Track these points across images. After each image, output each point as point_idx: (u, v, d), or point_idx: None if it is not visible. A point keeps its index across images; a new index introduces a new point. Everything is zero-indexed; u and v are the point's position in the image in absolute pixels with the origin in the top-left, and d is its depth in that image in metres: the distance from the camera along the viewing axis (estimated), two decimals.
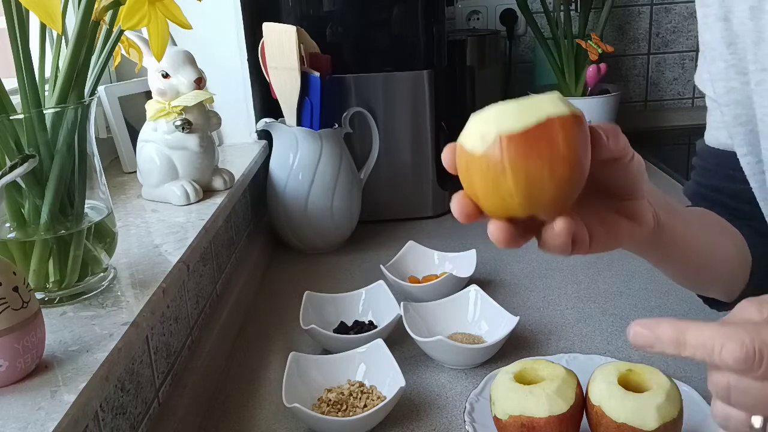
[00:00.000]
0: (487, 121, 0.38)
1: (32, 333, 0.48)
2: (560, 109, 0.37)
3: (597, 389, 0.59)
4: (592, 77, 1.43)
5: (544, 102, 0.38)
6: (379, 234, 1.21)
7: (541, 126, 0.37)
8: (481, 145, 0.38)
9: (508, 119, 0.37)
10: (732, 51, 0.60)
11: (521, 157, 0.37)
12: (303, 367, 0.74)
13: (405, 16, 1.18)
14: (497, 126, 0.37)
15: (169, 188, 0.87)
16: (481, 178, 0.39)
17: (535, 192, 0.38)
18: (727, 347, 0.35)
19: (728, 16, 0.60)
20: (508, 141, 0.37)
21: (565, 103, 0.38)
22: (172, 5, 0.58)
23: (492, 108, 0.39)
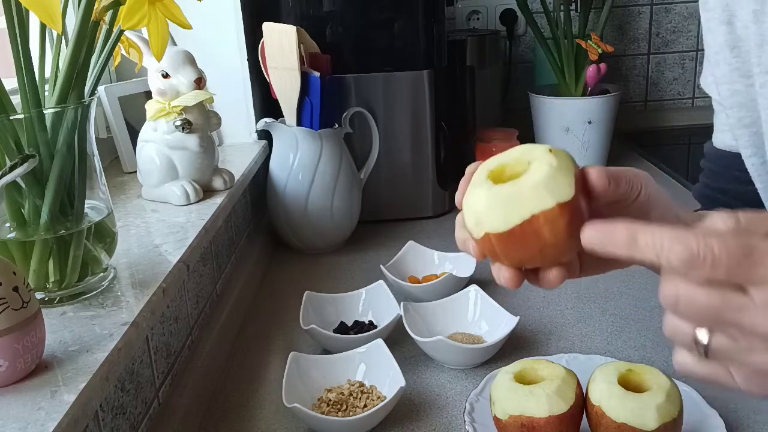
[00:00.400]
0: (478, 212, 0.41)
1: (32, 333, 0.48)
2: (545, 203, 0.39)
3: (597, 389, 0.59)
4: (592, 77, 1.43)
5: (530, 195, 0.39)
6: (379, 234, 1.21)
7: (526, 224, 0.39)
8: (476, 232, 0.41)
9: (495, 217, 0.40)
10: (736, 54, 0.60)
11: (511, 249, 0.40)
12: (303, 367, 0.74)
13: (405, 16, 1.18)
14: (486, 222, 0.40)
15: (169, 188, 0.87)
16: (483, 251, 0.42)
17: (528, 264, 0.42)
18: (674, 248, 0.35)
19: (731, 20, 0.60)
20: (496, 239, 0.40)
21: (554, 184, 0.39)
22: (172, 5, 0.58)
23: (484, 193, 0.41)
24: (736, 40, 0.60)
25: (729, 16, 0.60)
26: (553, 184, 0.39)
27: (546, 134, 1.47)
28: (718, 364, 0.38)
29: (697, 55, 1.79)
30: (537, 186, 0.39)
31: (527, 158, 0.41)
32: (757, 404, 0.69)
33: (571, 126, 1.43)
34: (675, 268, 0.35)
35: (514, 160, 0.42)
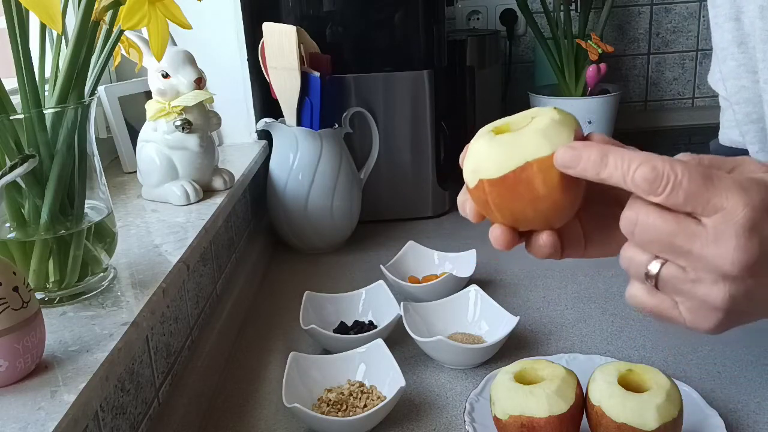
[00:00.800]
0: (476, 160, 0.40)
1: (32, 333, 0.48)
2: (542, 150, 0.38)
3: (597, 389, 0.59)
4: (592, 77, 1.43)
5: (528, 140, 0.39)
6: (379, 234, 1.21)
7: (519, 170, 0.39)
8: (471, 181, 0.41)
9: (491, 162, 0.40)
10: (743, 50, 0.60)
11: (503, 199, 0.40)
12: (303, 367, 0.74)
13: (405, 16, 1.18)
14: (482, 168, 0.40)
15: (169, 188, 0.87)
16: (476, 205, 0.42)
17: (521, 222, 0.41)
18: (641, 168, 0.36)
19: (739, 16, 0.60)
20: (489, 185, 0.40)
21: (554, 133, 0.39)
22: (172, 5, 0.58)
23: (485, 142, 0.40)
24: (743, 36, 0.60)
25: (736, 12, 0.60)
26: (552, 132, 0.39)
27: None
28: (667, 297, 0.39)
29: (697, 55, 1.79)
30: (536, 133, 0.39)
31: (533, 114, 0.41)
32: (757, 404, 0.69)
33: None
34: (639, 188, 0.36)
35: (520, 117, 0.42)
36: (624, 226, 0.38)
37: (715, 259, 0.36)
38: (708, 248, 0.36)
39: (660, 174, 0.36)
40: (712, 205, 0.36)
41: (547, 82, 1.60)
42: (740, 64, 0.61)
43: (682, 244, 0.37)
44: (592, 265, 1.03)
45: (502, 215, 0.41)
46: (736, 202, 0.35)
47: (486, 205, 0.41)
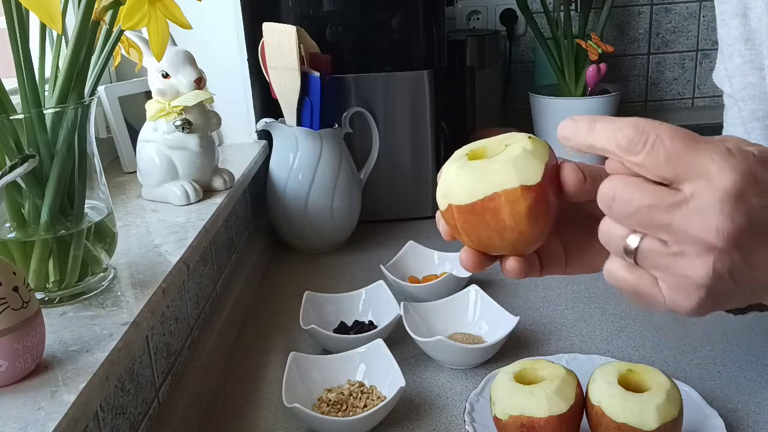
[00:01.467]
0: (447, 183, 0.41)
1: (32, 333, 0.48)
2: (510, 182, 0.38)
3: (597, 389, 0.59)
4: (592, 77, 1.43)
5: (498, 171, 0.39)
6: (379, 234, 1.21)
7: (487, 200, 0.39)
8: (442, 204, 0.41)
9: (461, 189, 0.40)
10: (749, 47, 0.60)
11: (471, 225, 0.40)
12: (303, 367, 0.74)
13: (405, 16, 1.18)
14: (452, 193, 0.40)
15: (169, 188, 0.87)
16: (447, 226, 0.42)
17: (489, 248, 0.41)
18: (624, 129, 0.35)
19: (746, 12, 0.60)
20: (457, 211, 0.40)
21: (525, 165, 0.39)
22: (172, 5, 0.58)
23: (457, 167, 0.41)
24: (749, 33, 0.60)
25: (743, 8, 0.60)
26: (521, 164, 0.39)
27: (546, 134, 1.47)
28: (646, 273, 0.37)
29: (697, 55, 1.79)
30: (505, 163, 0.39)
31: (506, 141, 0.41)
32: (757, 404, 0.69)
33: None
34: (621, 147, 0.35)
35: (495, 142, 0.42)
36: (601, 200, 0.37)
37: (698, 229, 0.34)
38: (690, 218, 0.34)
39: (641, 131, 0.35)
40: (695, 168, 0.34)
41: (547, 82, 1.60)
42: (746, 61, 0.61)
43: (662, 216, 0.35)
44: None
45: (470, 240, 0.41)
46: (721, 167, 0.33)
47: (455, 228, 0.41)
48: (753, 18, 0.59)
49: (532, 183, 0.38)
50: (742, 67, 0.61)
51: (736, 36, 0.61)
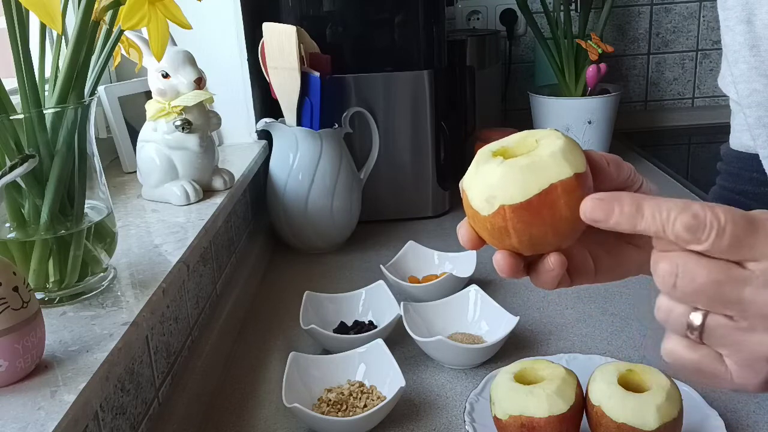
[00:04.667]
0: (491, 186, 0.39)
1: (32, 333, 0.48)
2: (563, 172, 0.37)
3: (597, 389, 0.59)
4: (592, 77, 1.43)
5: (549, 163, 0.38)
6: (379, 234, 1.21)
7: (544, 194, 0.37)
8: (486, 208, 0.39)
9: (512, 187, 0.38)
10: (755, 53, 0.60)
11: (525, 224, 0.38)
12: (303, 367, 0.74)
13: (405, 16, 1.18)
14: (501, 194, 0.38)
15: (169, 188, 0.87)
16: (487, 233, 0.40)
17: (538, 246, 0.40)
18: (681, 217, 0.34)
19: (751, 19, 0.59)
20: (512, 211, 0.38)
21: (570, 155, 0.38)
22: (172, 5, 0.58)
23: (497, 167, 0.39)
24: (755, 39, 0.59)
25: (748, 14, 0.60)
26: (570, 154, 0.38)
27: None
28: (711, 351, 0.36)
29: (696, 55, 1.79)
30: (555, 155, 0.38)
31: (533, 138, 0.40)
32: (757, 404, 0.69)
33: (571, 126, 1.43)
34: (680, 237, 0.34)
35: (516, 142, 0.41)
36: (663, 279, 0.35)
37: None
38: (760, 293, 0.34)
39: (702, 221, 0.34)
40: (759, 249, 0.34)
41: (547, 82, 1.60)
42: (752, 68, 0.60)
43: (730, 292, 0.34)
44: None
45: (519, 240, 0.40)
46: None
47: (503, 231, 0.39)
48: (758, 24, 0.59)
49: (582, 170, 0.38)
50: (747, 74, 0.61)
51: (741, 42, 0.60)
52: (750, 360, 0.35)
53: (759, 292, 0.34)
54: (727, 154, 0.71)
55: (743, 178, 0.68)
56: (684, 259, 0.34)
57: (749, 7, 0.59)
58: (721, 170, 0.72)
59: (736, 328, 0.35)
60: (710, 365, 0.36)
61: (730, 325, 0.35)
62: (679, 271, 0.35)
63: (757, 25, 0.59)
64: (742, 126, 0.66)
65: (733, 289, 0.34)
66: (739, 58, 0.61)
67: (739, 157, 0.68)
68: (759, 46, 0.59)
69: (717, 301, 0.34)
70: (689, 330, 0.36)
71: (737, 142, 0.68)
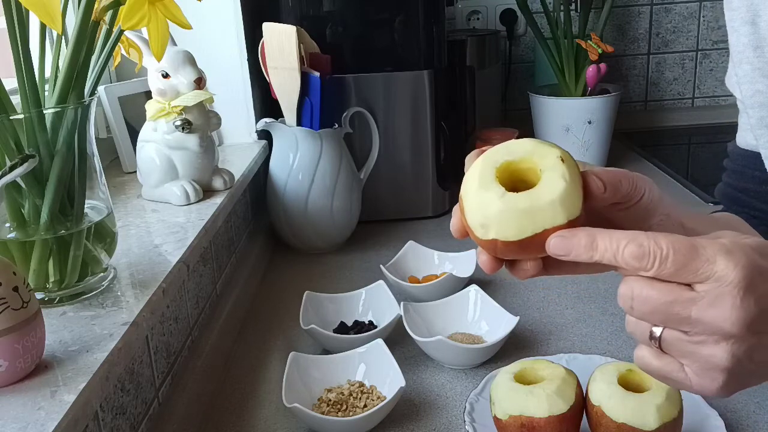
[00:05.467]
0: (488, 217, 0.41)
1: (32, 333, 0.48)
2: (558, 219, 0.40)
3: (597, 389, 0.59)
4: (592, 77, 1.43)
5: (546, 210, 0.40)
6: (379, 234, 1.21)
7: (536, 236, 0.41)
8: (480, 232, 0.42)
9: (507, 227, 0.41)
10: (758, 54, 0.60)
11: (511, 254, 0.43)
12: (303, 367, 0.74)
13: (405, 16, 1.18)
14: (496, 228, 0.41)
15: (169, 188, 0.87)
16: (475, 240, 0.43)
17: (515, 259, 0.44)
18: (628, 247, 0.38)
19: (755, 20, 0.60)
20: (503, 245, 0.41)
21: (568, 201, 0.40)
22: (172, 5, 0.58)
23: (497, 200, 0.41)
24: (759, 40, 0.60)
25: (753, 15, 0.60)
26: (568, 201, 0.40)
27: (546, 134, 1.47)
28: (673, 360, 0.40)
29: (696, 55, 1.79)
30: (553, 203, 0.40)
31: (537, 161, 0.42)
32: (757, 404, 0.69)
33: (571, 126, 1.43)
34: (629, 265, 0.38)
35: (521, 158, 0.42)
36: (622, 302, 0.40)
37: (714, 320, 0.37)
38: (706, 312, 0.37)
39: (646, 250, 0.38)
40: (702, 272, 0.37)
41: (547, 82, 1.60)
42: (755, 68, 0.60)
43: (679, 311, 0.38)
44: None
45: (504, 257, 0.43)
46: (725, 266, 0.37)
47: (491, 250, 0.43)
48: (762, 25, 0.59)
49: (576, 216, 0.41)
50: (751, 75, 0.61)
51: (746, 43, 0.61)
52: (705, 369, 0.39)
53: (705, 311, 0.37)
54: (732, 152, 0.71)
55: (746, 175, 0.68)
56: (638, 284, 0.39)
57: (754, 9, 0.60)
58: (726, 167, 0.72)
59: (689, 341, 0.39)
60: (672, 372, 0.40)
61: (684, 339, 0.39)
62: (634, 295, 0.39)
63: (761, 26, 0.59)
64: (747, 124, 0.66)
65: (682, 308, 0.38)
66: (743, 58, 0.61)
67: (744, 155, 0.68)
68: (763, 47, 0.60)
69: (669, 320, 0.39)
70: (652, 341, 0.40)
71: (742, 141, 0.69)
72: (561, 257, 0.40)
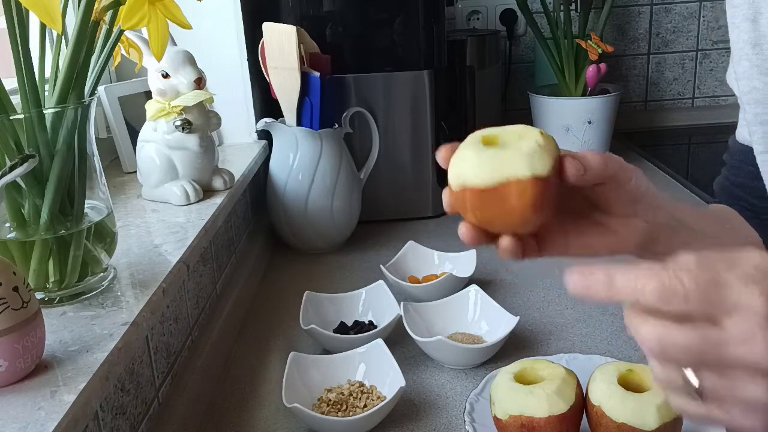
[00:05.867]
0: (463, 165, 0.44)
1: (32, 333, 0.48)
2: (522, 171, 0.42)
3: (597, 389, 0.59)
4: (592, 77, 1.43)
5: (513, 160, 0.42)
6: (379, 234, 1.21)
7: (499, 186, 0.42)
8: (454, 183, 0.45)
9: (476, 172, 0.43)
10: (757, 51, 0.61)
11: (479, 206, 0.44)
12: (303, 367, 0.74)
13: (405, 16, 1.18)
14: (466, 175, 0.44)
15: (169, 188, 0.87)
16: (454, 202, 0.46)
17: (489, 226, 0.45)
18: (648, 285, 0.36)
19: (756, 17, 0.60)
20: (470, 193, 0.44)
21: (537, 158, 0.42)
22: (172, 5, 0.58)
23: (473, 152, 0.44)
24: (758, 38, 0.60)
25: (754, 13, 0.60)
26: (537, 157, 0.42)
27: None
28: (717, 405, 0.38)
29: (696, 55, 1.79)
30: (520, 155, 0.42)
31: (520, 134, 0.45)
32: None
33: (571, 126, 1.43)
34: (651, 303, 0.36)
35: (508, 133, 0.46)
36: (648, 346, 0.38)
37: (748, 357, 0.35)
38: (738, 349, 0.35)
39: (668, 287, 0.36)
40: (727, 306, 0.35)
41: (547, 82, 1.60)
42: (753, 65, 0.61)
43: (712, 355, 0.36)
44: None
45: (474, 217, 0.45)
46: (750, 296, 0.35)
47: (463, 205, 0.45)
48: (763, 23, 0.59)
49: (544, 174, 0.42)
50: (749, 71, 0.61)
51: (745, 40, 0.61)
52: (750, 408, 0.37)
53: (737, 348, 0.35)
54: (732, 147, 0.72)
55: (743, 171, 0.69)
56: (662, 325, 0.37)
57: (756, 6, 0.60)
58: (725, 161, 0.73)
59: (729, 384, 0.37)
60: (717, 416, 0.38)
61: (723, 382, 0.37)
62: (660, 337, 0.37)
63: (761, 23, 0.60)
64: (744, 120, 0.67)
65: (712, 350, 0.36)
66: (742, 55, 0.62)
67: (741, 150, 0.69)
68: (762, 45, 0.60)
69: (702, 363, 0.37)
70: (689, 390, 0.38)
71: (741, 136, 0.69)
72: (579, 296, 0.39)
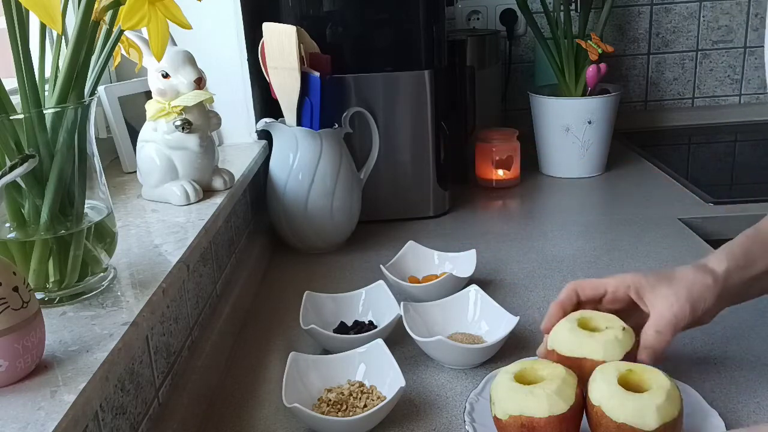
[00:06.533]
0: (557, 334, 0.68)
1: (32, 333, 0.48)
2: (596, 355, 0.63)
3: (597, 389, 0.59)
4: (592, 77, 1.43)
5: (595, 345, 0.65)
6: (379, 234, 1.21)
7: (577, 359, 0.65)
8: (549, 344, 0.68)
9: (562, 345, 0.66)
10: None
11: (560, 362, 0.65)
12: (303, 367, 0.74)
13: (405, 16, 1.18)
14: (557, 344, 0.67)
15: (169, 188, 0.87)
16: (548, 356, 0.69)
17: None
18: None
19: None
20: (557, 355, 0.66)
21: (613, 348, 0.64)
22: (172, 5, 0.58)
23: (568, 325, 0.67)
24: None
25: None
26: (609, 347, 0.64)
27: (546, 134, 1.47)
28: None
29: (696, 55, 1.79)
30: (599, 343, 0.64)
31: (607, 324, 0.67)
32: (757, 404, 0.69)
33: (571, 126, 1.43)
34: None
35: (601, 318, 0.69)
36: None
37: None
38: None
39: None
40: None
41: (547, 82, 1.60)
42: None
43: None
44: (592, 265, 1.03)
45: None
46: None
47: (550, 357, 0.67)
48: None
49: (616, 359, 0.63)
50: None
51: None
52: None
53: None
54: None
55: None
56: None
57: None
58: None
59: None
60: None
61: None
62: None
63: None
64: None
65: None
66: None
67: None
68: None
69: None
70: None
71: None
72: None
